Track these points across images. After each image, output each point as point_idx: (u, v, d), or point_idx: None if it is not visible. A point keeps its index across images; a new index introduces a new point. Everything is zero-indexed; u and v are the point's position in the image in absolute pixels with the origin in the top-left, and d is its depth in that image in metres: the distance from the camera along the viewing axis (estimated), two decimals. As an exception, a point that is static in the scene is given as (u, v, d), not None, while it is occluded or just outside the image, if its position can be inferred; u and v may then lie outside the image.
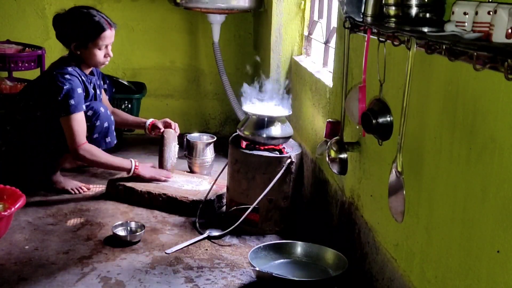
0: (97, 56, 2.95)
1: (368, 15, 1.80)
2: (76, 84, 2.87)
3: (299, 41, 3.52)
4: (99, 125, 2.96)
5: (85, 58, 2.96)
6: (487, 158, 1.32)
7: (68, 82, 2.84)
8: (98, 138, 2.99)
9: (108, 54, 2.99)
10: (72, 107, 2.83)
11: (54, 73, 2.88)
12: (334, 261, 2.30)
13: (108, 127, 3.03)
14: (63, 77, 2.85)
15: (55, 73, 2.88)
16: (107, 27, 2.93)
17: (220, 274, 2.32)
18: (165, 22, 4.21)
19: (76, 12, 2.97)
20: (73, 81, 2.86)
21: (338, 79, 2.49)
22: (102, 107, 3.01)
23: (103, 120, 2.99)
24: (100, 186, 3.18)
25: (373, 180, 2.10)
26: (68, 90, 2.83)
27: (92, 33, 2.91)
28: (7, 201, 2.55)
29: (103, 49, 2.96)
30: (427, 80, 1.62)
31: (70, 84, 2.84)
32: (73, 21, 2.94)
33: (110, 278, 2.24)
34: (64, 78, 2.85)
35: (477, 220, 1.37)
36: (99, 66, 3.04)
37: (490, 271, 1.31)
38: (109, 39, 2.96)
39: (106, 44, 2.95)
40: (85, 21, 2.91)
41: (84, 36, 2.91)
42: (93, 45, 2.92)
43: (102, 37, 2.92)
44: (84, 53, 2.94)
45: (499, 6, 1.16)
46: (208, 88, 4.39)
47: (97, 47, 2.93)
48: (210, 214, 2.87)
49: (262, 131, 2.69)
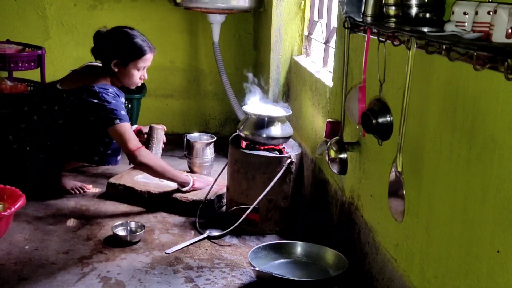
0: (134, 76, 3.00)
1: (368, 15, 1.80)
2: (120, 101, 2.93)
3: (299, 41, 3.52)
4: (115, 143, 2.96)
5: (121, 76, 2.99)
6: (487, 158, 1.32)
7: (114, 99, 2.88)
8: (110, 155, 3.00)
9: (143, 76, 3.04)
10: (124, 117, 2.86)
11: (96, 90, 2.87)
12: (334, 261, 2.30)
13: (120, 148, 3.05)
14: (107, 93, 2.88)
15: (98, 90, 2.87)
16: (149, 51, 3.00)
17: (220, 274, 2.32)
18: (165, 22, 4.21)
19: (121, 31, 3.01)
20: (117, 100, 2.90)
21: (338, 79, 2.49)
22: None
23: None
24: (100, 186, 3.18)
25: (373, 180, 2.10)
26: (116, 103, 2.87)
27: (135, 54, 2.96)
28: (7, 201, 2.55)
29: (141, 70, 3.01)
30: (427, 80, 1.62)
31: (116, 101, 2.89)
32: (119, 40, 2.98)
33: (110, 278, 2.24)
34: (109, 94, 2.89)
35: (477, 220, 1.37)
36: (132, 87, 3.09)
37: (490, 271, 1.31)
38: (149, 62, 3.03)
39: (144, 66, 3.01)
40: (130, 42, 2.97)
41: (127, 56, 2.95)
42: (133, 65, 2.97)
43: (144, 59, 2.98)
44: (122, 71, 2.98)
45: (499, 6, 1.16)
46: (208, 88, 4.39)
47: (136, 68, 2.98)
48: (210, 214, 2.87)
49: (262, 131, 2.69)
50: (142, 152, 2.83)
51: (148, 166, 2.84)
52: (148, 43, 3.02)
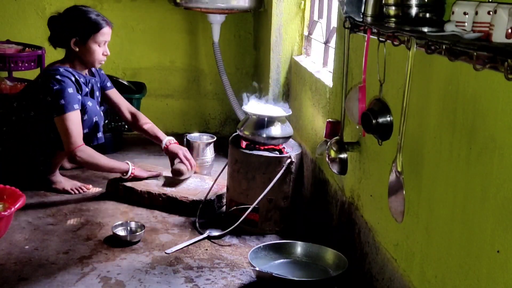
0: (96, 52, 2.97)
1: (368, 15, 1.80)
2: (67, 84, 2.87)
3: (299, 41, 3.52)
4: (87, 120, 2.94)
5: (83, 55, 2.98)
6: (487, 158, 1.32)
7: (58, 83, 2.86)
8: (88, 134, 2.98)
9: (106, 52, 3.02)
10: (63, 107, 2.83)
11: (46, 74, 2.91)
12: (334, 261, 2.30)
13: (98, 122, 3.02)
14: (54, 77, 2.88)
15: (48, 73, 2.91)
16: (105, 24, 2.98)
17: (220, 274, 2.32)
18: (165, 22, 4.21)
19: (75, 9, 3.02)
20: (64, 81, 2.87)
21: (338, 79, 2.49)
22: (90, 101, 2.98)
23: (91, 114, 2.97)
24: (100, 186, 3.18)
25: (373, 180, 2.10)
26: (58, 90, 2.84)
27: (92, 28, 2.94)
28: (7, 201, 2.55)
29: (101, 46, 2.98)
30: (427, 80, 1.62)
31: (60, 85, 2.86)
32: (73, 18, 2.97)
33: (110, 278, 2.24)
34: (55, 78, 2.87)
35: (477, 220, 1.37)
36: (97, 65, 3.04)
37: (490, 271, 1.31)
38: (107, 35, 3.00)
39: (105, 41, 2.99)
40: (84, 18, 2.95)
41: (84, 32, 2.94)
42: (92, 41, 2.95)
43: (102, 33, 2.96)
44: (83, 50, 2.96)
45: (499, 6, 1.16)
46: (208, 88, 4.39)
47: (97, 43, 2.96)
48: (210, 214, 2.87)
49: (262, 131, 2.69)
50: (81, 150, 2.86)
51: (85, 164, 2.95)
52: (102, 17, 3.00)
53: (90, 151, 2.90)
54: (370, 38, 1.83)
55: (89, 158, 2.89)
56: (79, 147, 2.86)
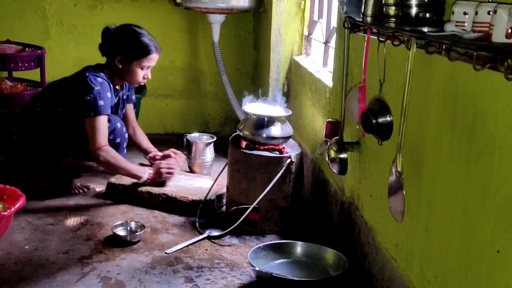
0: (138, 75, 3.01)
1: (368, 15, 1.80)
2: (106, 88, 2.92)
3: (299, 41, 3.52)
4: (111, 139, 3.00)
5: (124, 73, 3.02)
6: (487, 158, 1.32)
7: (99, 84, 2.89)
8: None
9: (147, 76, 3.05)
10: (101, 108, 2.86)
11: (86, 74, 2.92)
12: (334, 261, 2.30)
13: (120, 144, 3.07)
14: (95, 79, 2.90)
15: (87, 74, 2.92)
16: (155, 51, 3.02)
17: (220, 274, 2.32)
18: (165, 22, 4.21)
19: (130, 28, 3.03)
20: (104, 85, 2.91)
21: (338, 79, 2.49)
22: (119, 123, 3.06)
23: (117, 135, 3.04)
24: (100, 186, 3.18)
25: (373, 180, 2.10)
26: (98, 92, 2.87)
27: (141, 52, 2.97)
28: (7, 201, 2.55)
29: (144, 69, 3.02)
30: (427, 80, 1.62)
31: (101, 87, 2.89)
32: (126, 37, 3.00)
33: (110, 278, 2.24)
34: (96, 80, 2.90)
35: (477, 220, 1.37)
36: (134, 85, 3.12)
37: (490, 271, 1.31)
38: (153, 62, 3.04)
39: (149, 66, 3.03)
40: (137, 40, 2.98)
41: (132, 53, 2.97)
42: (137, 63, 2.98)
43: (149, 59, 3.00)
44: (126, 68, 2.99)
45: (499, 6, 1.16)
46: (208, 88, 4.39)
47: (140, 67, 3.00)
48: (210, 214, 2.87)
49: (262, 131, 2.69)
50: (106, 150, 2.88)
51: (107, 164, 2.94)
52: (154, 43, 3.04)
53: (113, 153, 2.92)
54: (370, 38, 1.83)
55: (111, 159, 2.90)
56: (104, 147, 2.88)
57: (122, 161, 2.96)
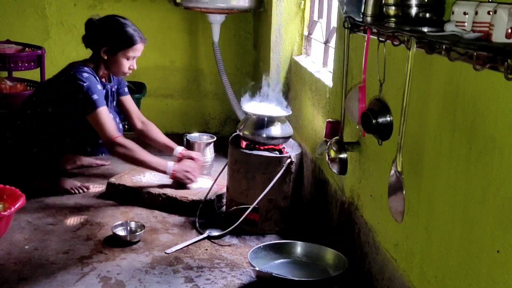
0: (123, 65, 3.00)
1: (368, 15, 1.80)
2: (95, 82, 2.91)
3: (299, 41, 3.52)
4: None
5: (110, 64, 3.00)
6: (487, 158, 1.32)
7: (87, 79, 2.88)
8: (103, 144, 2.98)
9: (132, 66, 3.04)
10: (96, 102, 2.85)
11: (72, 73, 2.91)
12: (334, 261, 2.30)
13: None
14: (81, 75, 2.89)
15: (73, 72, 2.91)
16: (140, 41, 3.00)
17: (220, 274, 2.32)
18: (165, 22, 4.21)
19: (114, 19, 3.02)
20: (91, 79, 2.91)
21: (338, 79, 2.49)
22: (112, 114, 3.03)
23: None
24: (100, 186, 3.18)
25: (373, 180, 2.10)
26: (88, 87, 2.86)
27: (126, 42, 2.96)
28: (7, 201, 2.55)
29: (130, 60, 3.01)
30: (427, 80, 1.62)
31: (89, 81, 2.88)
32: (110, 27, 2.98)
33: (110, 278, 2.24)
34: (82, 76, 2.89)
35: (477, 220, 1.37)
36: (119, 75, 3.10)
37: (490, 271, 1.31)
38: (138, 52, 3.02)
39: (134, 56, 3.01)
40: (121, 30, 2.97)
41: (117, 44, 2.96)
42: (122, 54, 2.97)
43: (134, 49, 2.98)
44: (111, 60, 2.98)
45: (499, 6, 1.16)
46: (208, 88, 4.40)
47: (126, 57, 2.98)
48: (210, 214, 2.87)
49: (262, 131, 2.69)
50: (120, 141, 2.84)
51: (127, 156, 2.87)
52: (139, 33, 3.01)
53: (130, 143, 2.88)
54: (370, 38, 1.83)
55: (128, 151, 2.85)
56: (118, 137, 2.85)
57: (141, 153, 2.89)
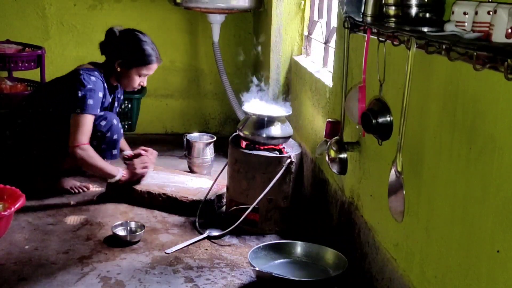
0: (134, 81, 3.01)
1: (368, 15, 1.80)
2: (99, 88, 2.90)
3: (299, 41, 3.52)
4: (109, 136, 2.98)
5: (121, 77, 3.01)
6: (487, 158, 1.32)
7: (92, 83, 2.87)
8: (105, 149, 2.99)
9: (142, 83, 3.05)
10: (88, 107, 2.84)
11: (80, 71, 2.90)
12: (334, 261, 2.30)
13: (117, 140, 3.04)
14: (89, 77, 2.89)
15: (82, 71, 2.90)
16: (156, 61, 3.00)
17: (220, 274, 2.32)
18: (165, 22, 4.21)
19: (135, 34, 3.01)
20: (97, 84, 2.89)
21: (338, 79, 2.49)
22: (115, 120, 3.04)
23: (114, 132, 3.01)
24: (99, 186, 3.18)
25: (373, 180, 2.10)
26: (90, 89, 2.86)
27: (142, 60, 2.96)
28: (7, 201, 2.55)
29: (142, 77, 3.01)
30: (427, 80, 1.62)
31: (94, 85, 2.87)
32: (130, 42, 2.98)
33: (110, 278, 2.24)
34: (90, 78, 2.88)
35: (477, 220, 1.37)
36: (128, 89, 3.10)
37: (490, 271, 1.31)
38: (152, 71, 3.03)
39: (146, 74, 3.02)
40: (140, 47, 2.97)
41: (133, 60, 2.96)
42: (136, 70, 2.98)
43: (148, 68, 2.99)
44: (124, 73, 2.98)
45: (499, 6, 1.16)
46: (208, 88, 4.40)
47: (138, 74, 2.99)
48: (210, 214, 2.87)
49: (262, 131, 2.69)
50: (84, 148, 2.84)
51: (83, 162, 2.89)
52: (156, 53, 3.02)
53: (91, 151, 2.89)
54: (370, 38, 1.83)
55: (87, 157, 2.87)
56: (83, 145, 2.86)
57: (98, 161, 2.91)
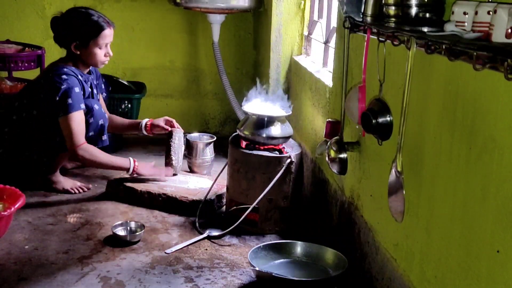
0: (98, 55, 2.96)
1: (368, 15, 1.80)
2: (74, 83, 2.87)
3: (299, 41, 3.52)
4: (93, 122, 2.96)
5: (85, 57, 2.97)
6: (487, 158, 1.32)
7: (65, 82, 2.85)
8: (94, 136, 2.97)
9: (108, 53, 3.01)
10: (70, 106, 2.83)
11: (50, 74, 2.89)
12: (334, 261, 2.30)
13: (104, 125, 3.02)
14: (60, 77, 2.86)
15: (52, 74, 2.89)
16: (106, 26, 2.96)
17: (220, 274, 2.32)
18: (165, 22, 4.21)
19: (75, 12, 2.99)
20: (70, 80, 2.87)
21: (338, 79, 2.49)
22: (97, 105, 3.00)
23: (98, 117, 2.98)
24: (100, 186, 3.18)
25: (373, 180, 2.10)
26: (65, 90, 2.83)
27: (93, 32, 2.92)
28: (7, 201, 2.55)
29: (103, 48, 2.97)
30: (427, 80, 1.62)
31: (67, 84, 2.85)
32: (73, 21, 2.95)
33: (110, 278, 2.24)
34: (61, 78, 2.86)
35: (477, 220, 1.37)
36: (99, 66, 3.04)
37: (490, 271, 1.31)
38: (109, 37, 2.98)
39: (106, 43, 2.97)
40: (85, 21, 2.93)
41: (85, 36, 2.92)
42: (93, 44, 2.94)
43: (103, 36, 2.94)
44: (85, 52, 2.95)
45: (499, 6, 1.16)
46: (208, 88, 4.40)
47: (98, 46, 2.95)
48: (210, 214, 2.87)
49: (262, 131, 2.69)
50: (83, 148, 2.86)
51: (87, 162, 2.94)
52: (104, 18, 2.98)
53: (92, 149, 2.90)
54: (370, 38, 1.83)
55: (91, 156, 2.89)
56: (81, 145, 2.86)
57: (103, 157, 2.93)
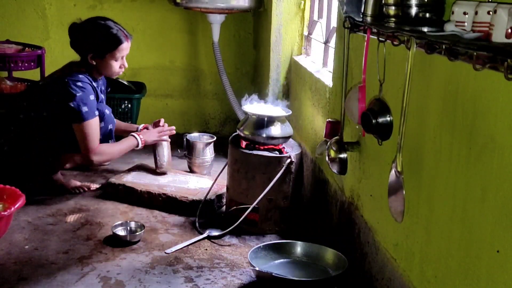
0: (113, 67, 2.99)
1: (368, 15, 1.80)
2: (89, 91, 2.90)
3: (299, 41, 3.52)
4: (103, 127, 2.99)
5: (101, 68, 2.99)
6: (487, 158, 1.32)
7: (81, 90, 2.86)
8: (101, 140, 2.99)
9: (123, 65, 3.03)
10: (85, 114, 2.85)
11: (66, 80, 2.88)
12: (334, 261, 2.30)
13: (112, 129, 3.06)
14: (76, 84, 2.87)
15: (67, 80, 2.88)
16: (124, 40, 2.98)
17: (220, 274, 2.32)
18: (165, 22, 4.21)
19: (94, 23, 2.99)
20: (86, 88, 2.89)
21: (338, 79, 2.49)
22: (107, 109, 3.04)
23: (108, 122, 3.02)
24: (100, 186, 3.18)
25: (372, 180, 2.10)
26: (81, 98, 2.85)
27: (110, 45, 2.94)
28: (7, 201, 2.55)
29: (119, 60, 2.99)
30: (427, 80, 1.62)
31: (83, 92, 2.87)
32: (91, 32, 2.96)
33: (110, 278, 2.24)
34: (77, 85, 2.87)
35: (477, 220, 1.37)
36: (113, 76, 3.09)
37: (490, 271, 1.31)
38: (125, 50, 3.01)
39: (122, 56, 3.00)
40: (103, 33, 2.94)
41: (102, 48, 2.94)
42: (110, 56, 2.95)
43: (120, 49, 2.96)
44: (100, 63, 2.97)
45: (499, 6, 1.16)
46: (208, 88, 4.40)
47: (114, 59, 2.97)
48: (210, 214, 2.87)
49: (262, 131, 2.69)
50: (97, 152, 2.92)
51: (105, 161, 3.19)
52: (123, 31, 2.99)
53: (103, 150, 2.96)
54: (370, 38, 1.83)
55: (104, 158, 3.01)
56: (95, 149, 2.90)
57: (114, 151, 3.03)
